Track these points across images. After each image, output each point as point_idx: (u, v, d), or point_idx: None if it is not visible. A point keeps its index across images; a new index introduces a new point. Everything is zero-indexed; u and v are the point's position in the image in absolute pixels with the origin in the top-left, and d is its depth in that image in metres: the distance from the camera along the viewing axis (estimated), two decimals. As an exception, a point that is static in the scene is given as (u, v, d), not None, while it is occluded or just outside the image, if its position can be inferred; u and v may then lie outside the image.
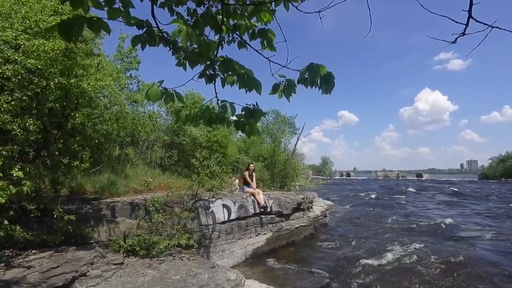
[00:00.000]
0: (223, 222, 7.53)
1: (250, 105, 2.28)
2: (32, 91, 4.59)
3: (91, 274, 4.26)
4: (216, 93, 2.32)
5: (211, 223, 7.19)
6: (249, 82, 2.22)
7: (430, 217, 15.38)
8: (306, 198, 12.01)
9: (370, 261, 8.22)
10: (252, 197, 8.92)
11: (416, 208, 19.54)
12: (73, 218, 4.50)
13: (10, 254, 4.21)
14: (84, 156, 4.98)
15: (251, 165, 10.24)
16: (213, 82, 2.31)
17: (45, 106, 4.96)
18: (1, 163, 3.83)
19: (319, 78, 2.09)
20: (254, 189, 9.33)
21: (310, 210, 12.45)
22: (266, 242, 8.82)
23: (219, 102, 2.33)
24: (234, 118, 2.33)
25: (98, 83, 5.14)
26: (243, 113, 2.29)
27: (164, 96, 2.19)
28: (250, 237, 8.33)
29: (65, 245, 4.66)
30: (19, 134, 4.36)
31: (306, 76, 2.11)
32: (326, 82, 2.10)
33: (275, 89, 2.23)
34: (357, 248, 9.63)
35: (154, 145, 9.74)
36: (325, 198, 19.73)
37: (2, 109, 4.22)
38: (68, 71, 4.96)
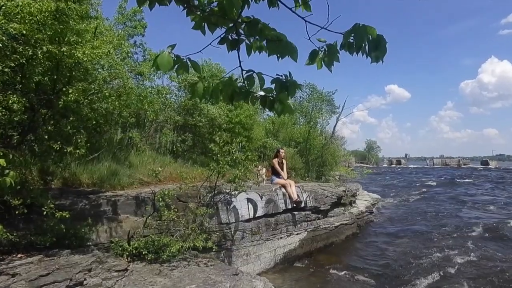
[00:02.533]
0: (248, 220, 7.52)
1: (281, 76, 2.21)
2: (15, 61, 4.48)
3: (89, 283, 4.16)
4: (240, 62, 2.25)
5: (233, 221, 7.18)
6: (281, 47, 2.15)
7: (500, 218, 14.65)
8: (348, 191, 11.99)
9: (426, 269, 8.07)
10: (282, 189, 8.86)
11: (485, 205, 18.69)
12: (67, 216, 4.39)
13: (-9, 259, 4.23)
14: (79, 140, 4.87)
15: (281, 150, 10.14)
16: (237, 48, 2.25)
17: (31, 80, 4.86)
18: (-21, 149, 3.73)
19: (367, 43, 2.04)
20: (285, 180, 9.26)
21: (353, 205, 12.47)
22: (299, 244, 8.80)
23: (244, 73, 2.26)
24: (262, 93, 2.30)
25: (96, 51, 4.99)
26: (273, 86, 2.23)
27: (177, 65, 2.16)
28: (281, 238, 8.31)
29: (57, 247, 4.62)
30: (0, 114, 4.27)
31: (351, 40, 2.05)
32: (376, 48, 2.05)
33: (313, 57, 2.18)
34: (410, 253, 9.51)
35: (163, 127, 9.75)
36: (370, 191, 19.36)
37: (-20, 84, 4.12)
38: (59, 37, 4.85)
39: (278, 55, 2.17)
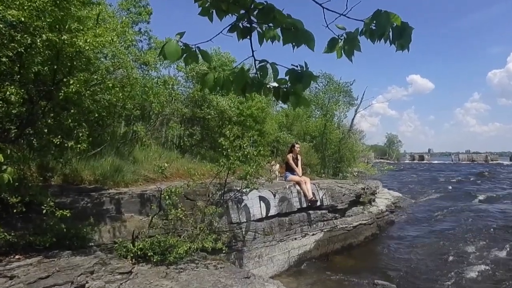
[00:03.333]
0: (260, 220, 7.50)
1: (296, 66, 2.20)
2: (13, 50, 4.45)
3: (91, 286, 4.14)
4: (252, 52, 2.24)
5: (245, 220, 7.17)
6: (297, 35, 2.14)
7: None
8: (367, 189, 12.04)
9: (452, 274, 7.98)
10: (297, 187, 8.85)
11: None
12: (68, 214, 4.39)
13: (-13, 260, 4.08)
14: (80, 134, 4.85)
15: (297, 145, 10.09)
16: (249, 37, 2.24)
17: (30, 70, 4.83)
18: (-25, 143, 3.73)
19: (390, 30, 2.06)
20: (300, 177, 9.23)
21: (373, 204, 12.45)
22: (315, 245, 8.81)
23: (257, 63, 2.25)
24: (275, 84, 2.30)
25: (98, 40, 4.97)
26: (287, 77, 2.23)
27: (185, 54, 2.16)
28: (295, 238, 8.30)
29: (57, 248, 4.59)
30: (-3, 106, 4.26)
31: (373, 28, 2.06)
32: (400, 35, 2.06)
33: (332, 45, 2.19)
34: (435, 255, 9.46)
35: (170, 120, 9.78)
36: (391, 189, 19.18)
37: (-24, 74, 4.11)
38: (60, 24, 4.82)
39: (294, 44, 2.15)
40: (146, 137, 7.94)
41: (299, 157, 9.89)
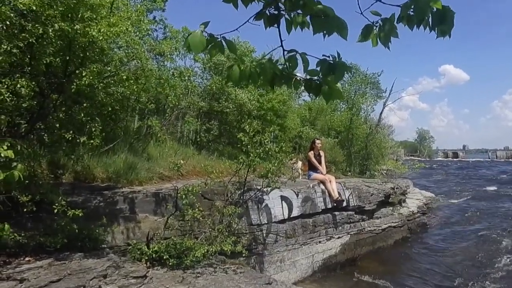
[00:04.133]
0: (282, 221, 7.48)
1: (328, 56, 2.22)
2: (24, 41, 4.49)
3: (104, 291, 4.17)
4: (281, 41, 2.27)
5: (266, 222, 7.14)
6: (328, 22, 2.15)
7: None
8: (397, 188, 11.96)
9: (492, 282, 7.82)
10: (321, 186, 8.82)
11: None
12: (80, 214, 4.40)
13: (-3, 262, 4.16)
14: (93, 129, 4.89)
15: (317, 141, 10.04)
16: (276, 25, 2.25)
17: (41, 61, 4.83)
18: (-16, 139, 3.75)
19: (430, 16, 2.05)
20: (324, 175, 9.20)
21: (403, 205, 12.37)
22: (341, 249, 8.77)
23: (286, 53, 2.28)
24: (304, 76, 2.34)
25: (112, 29, 4.97)
26: (319, 68, 2.25)
27: (210, 45, 2.19)
28: (319, 241, 8.27)
29: (68, 250, 4.62)
30: (7, 99, 4.26)
31: (411, 13, 2.06)
32: (441, 21, 2.06)
33: (366, 32, 2.20)
34: (472, 261, 9.35)
35: (186, 114, 9.83)
36: (423, 188, 18.88)
37: (-15, 66, 4.15)
38: (72, 13, 4.84)
39: (325, 32, 2.15)
40: (161, 132, 7.94)
41: (322, 153, 9.86)
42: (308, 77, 2.32)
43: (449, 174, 39.69)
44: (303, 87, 2.40)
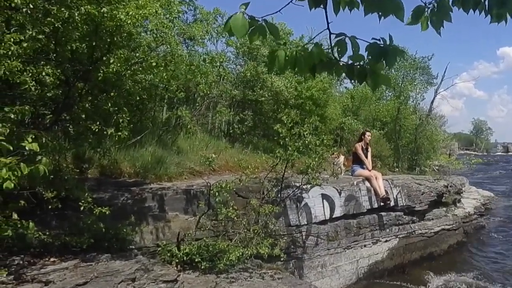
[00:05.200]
0: (323, 222, 7.47)
1: (379, 40, 2.21)
2: (49, 26, 4.53)
3: (133, 295, 4.21)
4: (328, 23, 2.25)
5: (305, 222, 7.13)
6: (383, 3, 2.14)
7: None
8: (450, 186, 11.90)
9: None
10: (366, 183, 8.80)
11: None
12: (107, 212, 4.42)
13: (21, 262, 4.23)
14: (121, 120, 4.90)
15: (368, 133, 10.02)
16: (323, 5, 2.23)
17: (66, 47, 4.90)
18: (7, 130, 3.75)
19: None
20: (370, 171, 9.17)
21: (458, 205, 12.33)
22: (388, 254, 8.74)
23: (334, 37, 2.27)
24: (347, 61, 2.31)
25: (140, 12, 4.99)
26: (367, 53, 2.24)
27: (252, 28, 2.16)
28: (364, 245, 8.24)
29: (94, 251, 4.68)
30: (32, 88, 4.30)
31: None
32: (501, 4, 2.06)
33: (417, 14, 2.21)
34: None
35: (218, 104, 9.93)
36: (480, 186, 18.45)
37: (9, 52, 4.16)
38: (99, -5, 4.89)
39: (380, 14, 2.14)
40: (192, 124, 7.97)
41: (369, 147, 9.82)
42: (350, 62, 2.31)
43: (510, 171, 38.39)
44: (344, 74, 2.38)
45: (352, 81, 2.47)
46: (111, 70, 4.94)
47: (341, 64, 2.32)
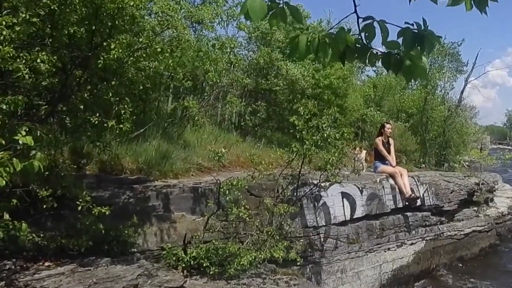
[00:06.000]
0: (343, 223, 7.48)
1: (412, 24, 2.19)
2: (45, 8, 4.50)
3: (136, 303, 4.25)
4: (355, 6, 2.26)
5: (323, 224, 7.13)
6: None
7: None
8: (482, 184, 11.85)
9: None
10: (390, 180, 8.77)
11: None
12: (107, 212, 4.38)
13: (13, 267, 4.22)
14: (122, 111, 4.86)
15: (387, 125, 9.94)
16: None
17: (63, 32, 4.87)
18: (-1, 123, 3.79)
19: None
20: (394, 168, 9.13)
21: (490, 204, 12.22)
22: (415, 258, 8.73)
23: (361, 21, 2.25)
24: (382, 48, 2.33)
25: (144, -8, 5.05)
26: (401, 39, 2.20)
27: (272, 12, 2.16)
28: (388, 248, 8.24)
29: (93, 254, 4.67)
30: (26, 76, 4.26)
31: None
32: None
33: None
34: None
35: (228, 94, 9.94)
36: (514, 184, 18.12)
37: (1, 37, 4.10)
38: (99, -26, 4.88)
39: None
40: (199, 115, 7.94)
41: (391, 141, 9.74)
42: (386, 50, 2.28)
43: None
44: (380, 63, 2.33)
45: (388, 70, 2.48)
46: (112, 57, 4.89)
47: (375, 52, 2.29)
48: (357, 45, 2.27)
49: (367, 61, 2.32)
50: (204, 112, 8.70)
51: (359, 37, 2.28)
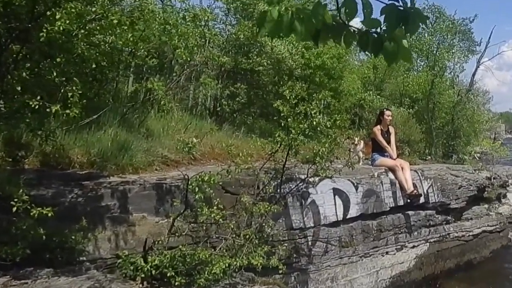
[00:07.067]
0: (335, 224, 7.52)
1: (397, 1, 2.18)
2: None
3: (82, 323, 4.24)
4: None
5: (311, 225, 7.17)
6: None
7: None
8: (494, 178, 12.19)
9: None
10: (390, 175, 8.86)
11: None
12: (49, 214, 4.25)
13: None
14: (70, 94, 4.71)
15: (387, 112, 9.95)
16: None
17: None
18: None
19: None
20: (394, 160, 9.20)
21: (503, 201, 12.44)
22: (417, 263, 8.90)
23: None
24: (361, 27, 2.30)
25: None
26: (383, 17, 2.19)
27: None
28: (387, 252, 8.35)
29: (32, 265, 4.54)
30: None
31: None
32: None
33: None
34: None
35: (202, 74, 9.84)
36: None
37: None
38: None
39: None
40: (166, 99, 7.60)
41: (391, 130, 9.79)
42: (364, 28, 2.26)
43: None
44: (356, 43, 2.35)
45: (365, 51, 2.54)
46: (58, 29, 4.75)
47: (352, 30, 2.27)
48: (334, 23, 2.25)
49: (342, 41, 2.30)
50: (172, 96, 8.59)
51: (337, 13, 2.27)
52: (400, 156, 9.92)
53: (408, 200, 8.70)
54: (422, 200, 9.00)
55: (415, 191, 8.69)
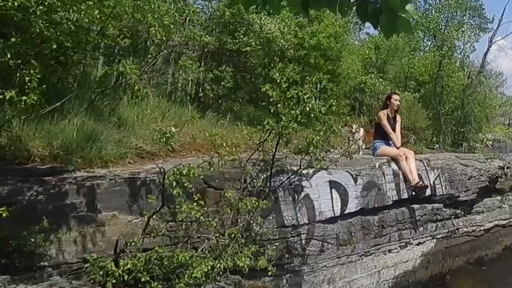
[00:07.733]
0: (332, 220, 7.52)
1: None
2: None
3: (43, 336, 4.18)
4: None
5: (305, 221, 7.15)
6: None
7: None
8: (508, 168, 12.33)
9: None
10: (392, 165, 8.86)
11: None
12: (4, 214, 4.19)
13: None
14: (27, 79, 4.70)
15: (395, 96, 9.87)
16: None
17: None
18: None
19: None
20: (398, 149, 9.21)
21: None
22: (423, 261, 8.93)
23: None
24: None
25: None
26: None
27: None
28: (389, 250, 8.38)
29: None
30: None
31: None
32: None
33: None
34: None
35: (182, 55, 9.83)
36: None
37: None
38: None
39: None
40: (141, 84, 7.89)
41: (398, 117, 9.77)
42: None
43: None
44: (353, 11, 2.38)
45: (364, 22, 2.65)
46: (12, 5, 4.80)
47: None
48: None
49: (337, 9, 2.30)
50: (148, 80, 8.65)
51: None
52: (405, 144, 9.99)
53: (413, 193, 8.71)
54: (428, 192, 9.00)
55: (420, 182, 8.67)
